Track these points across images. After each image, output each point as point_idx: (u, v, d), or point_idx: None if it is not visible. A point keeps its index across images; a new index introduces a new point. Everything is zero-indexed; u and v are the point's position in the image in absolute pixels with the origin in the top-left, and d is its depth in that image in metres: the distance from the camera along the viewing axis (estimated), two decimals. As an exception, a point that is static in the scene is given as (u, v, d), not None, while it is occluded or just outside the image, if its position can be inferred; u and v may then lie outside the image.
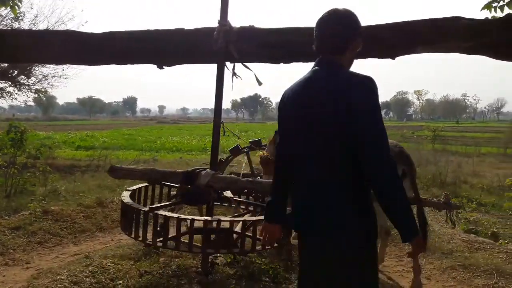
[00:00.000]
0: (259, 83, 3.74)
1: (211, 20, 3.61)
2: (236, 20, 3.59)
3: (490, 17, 3.72)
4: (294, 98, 1.82)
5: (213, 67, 3.60)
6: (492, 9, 4.73)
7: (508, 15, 3.19)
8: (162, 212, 3.13)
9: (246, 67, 3.62)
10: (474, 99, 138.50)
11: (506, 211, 6.50)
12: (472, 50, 3.28)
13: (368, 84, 1.68)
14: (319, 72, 1.78)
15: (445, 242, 4.86)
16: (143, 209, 3.17)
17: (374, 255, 1.84)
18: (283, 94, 1.92)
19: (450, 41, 3.30)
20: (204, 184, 3.31)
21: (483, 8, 4.85)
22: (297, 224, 1.85)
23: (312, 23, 1.89)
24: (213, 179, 3.36)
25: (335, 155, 1.69)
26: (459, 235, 5.17)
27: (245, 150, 5.65)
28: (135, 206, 3.27)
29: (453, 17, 3.19)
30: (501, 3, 4.64)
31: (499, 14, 3.87)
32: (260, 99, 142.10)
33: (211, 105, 4.67)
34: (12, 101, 15.16)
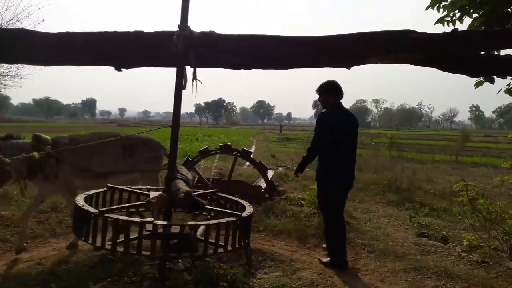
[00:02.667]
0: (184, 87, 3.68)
1: (172, 25, 3.60)
2: (197, 25, 3.60)
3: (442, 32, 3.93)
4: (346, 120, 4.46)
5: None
6: (445, 23, 5.03)
7: (454, 29, 3.38)
8: (113, 215, 3.08)
9: (195, 77, 3.59)
10: (429, 108, 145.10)
11: (455, 216, 6.83)
12: (421, 62, 3.46)
13: None
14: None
15: (399, 245, 5.05)
16: (93, 211, 3.11)
17: None
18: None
19: (401, 53, 3.46)
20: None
21: (436, 22, 5.14)
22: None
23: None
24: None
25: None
26: (412, 239, 5.39)
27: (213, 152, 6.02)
28: (86, 208, 3.20)
29: (405, 30, 3.34)
30: (454, 18, 4.94)
31: (452, 28, 4.10)
32: (225, 104, 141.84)
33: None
34: (-41, 100, 14.37)
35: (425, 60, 3.45)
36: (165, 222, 3.12)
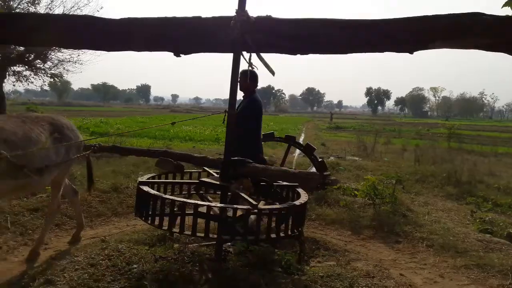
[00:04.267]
0: (273, 73, 3.72)
1: (229, 10, 3.59)
2: (254, 10, 3.57)
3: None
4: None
5: (228, 57, 3.60)
6: (514, 6, 4.62)
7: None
8: (171, 197, 3.17)
9: (261, 58, 3.60)
10: (492, 98, 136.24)
11: (523, 212, 6.40)
12: (491, 47, 3.20)
13: None
14: None
15: (460, 241, 4.81)
16: (156, 194, 3.22)
17: None
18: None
19: (470, 37, 3.23)
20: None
21: (504, 5, 4.74)
22: None
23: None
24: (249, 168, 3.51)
25: None
26: (473, 235, 5.11)
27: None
28: (147, 190, 3.31)
29: (474, 12, 3.11)
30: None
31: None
32: (274, 91, 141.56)
33: (224, 95, 4.73)
34: (28, 85, 15.39)
35: (496, 45, 3.19)
36: (232, 206, 3.15)
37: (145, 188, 3.40)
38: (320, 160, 6.61)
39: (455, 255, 4.36)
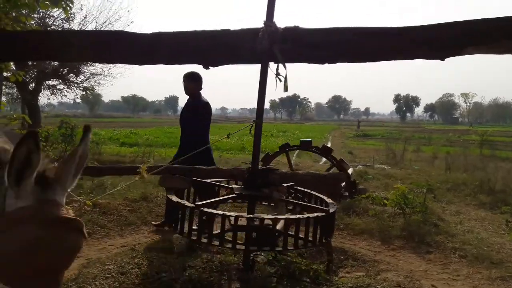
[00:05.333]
0: (285, 89, 3.74)
1: (255, 22, 3.65)
2: (279, 21, 3.61)
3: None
4: None
5: (253, 68, 3.65)
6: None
7: None
8: (207, 210, 3.20)
9: (285, 70, 3.62)
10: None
11: None
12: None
13: None
14: None
15: (494, 251, 4.64)
16: (189, 205, 3.26)
17: None
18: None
19: (503, 41, 3.15)
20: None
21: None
22: None
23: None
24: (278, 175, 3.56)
25: None
26: (510, 245, 4.92)
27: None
28: (181, 203, 3.36)
29: (510, 17, 3.04)
30: None
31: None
32: (299, 99, 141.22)
33: (249, 105, 4.90)
34: (61, 98, 16.00)
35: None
36: (258, 216, 3.17)
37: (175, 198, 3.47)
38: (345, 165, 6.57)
39: (490, 266, 4.21)
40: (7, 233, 0.99)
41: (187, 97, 5.33)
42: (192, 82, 5.14)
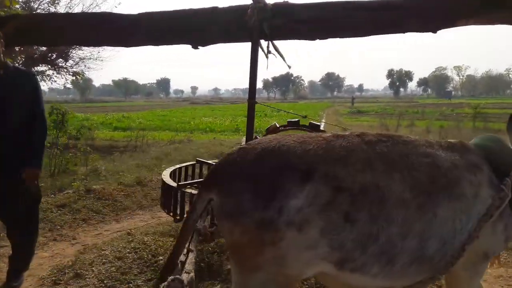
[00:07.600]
0: (289, 66, 3.71)
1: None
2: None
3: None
4: None
5: (245, 46, 3.56)
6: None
7: None
8: (190, 190, 3.19)
9: (276, 48, 3.55)
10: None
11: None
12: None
13: None
14: None
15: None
16: (173, 184, 3.24)
17: None
18: None
19: (500, 11, 3.10)
20: None
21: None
22: None
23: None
24: None
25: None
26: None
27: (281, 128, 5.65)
28: (168, 183, 3.34)
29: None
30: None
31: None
32: (292, 78, 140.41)
33: (242, 85, 4.70)
34: (51, 84, 15.72)
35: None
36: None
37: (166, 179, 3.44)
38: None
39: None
40: None
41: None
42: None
